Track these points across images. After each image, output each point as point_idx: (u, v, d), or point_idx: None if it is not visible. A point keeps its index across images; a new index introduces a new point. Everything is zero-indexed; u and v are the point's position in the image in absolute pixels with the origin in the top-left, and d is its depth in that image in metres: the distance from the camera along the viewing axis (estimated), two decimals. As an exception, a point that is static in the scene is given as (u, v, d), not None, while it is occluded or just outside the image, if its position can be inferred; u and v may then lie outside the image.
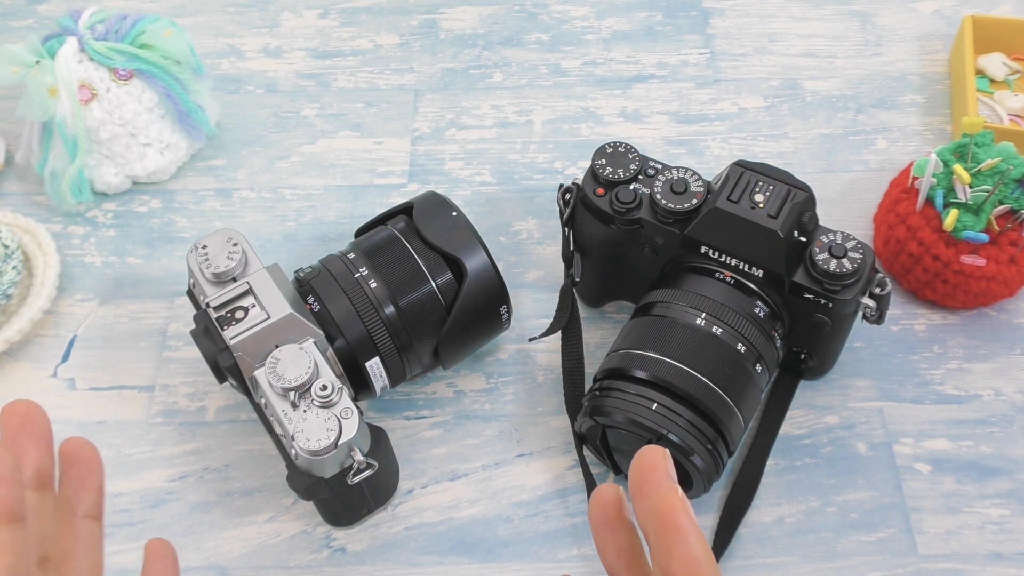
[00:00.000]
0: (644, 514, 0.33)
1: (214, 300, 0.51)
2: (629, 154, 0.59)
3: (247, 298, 0.52)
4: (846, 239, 0.55)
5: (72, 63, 0.67)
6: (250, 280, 0.52)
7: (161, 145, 0.71)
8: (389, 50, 0.81)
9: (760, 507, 0.58)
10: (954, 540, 0.56)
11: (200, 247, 0.53)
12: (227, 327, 0.51)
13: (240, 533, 0.57)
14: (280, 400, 0.49)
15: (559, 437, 0.61)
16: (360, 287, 0.55)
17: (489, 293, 0.57)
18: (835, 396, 0.62)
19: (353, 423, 0.49)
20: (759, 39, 0.80)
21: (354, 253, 0.57)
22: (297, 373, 0.49)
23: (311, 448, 0.48)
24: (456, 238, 0.57)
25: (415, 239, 0.57)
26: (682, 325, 0.55)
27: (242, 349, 0.50)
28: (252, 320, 0.51)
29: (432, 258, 0.56)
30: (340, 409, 0.49)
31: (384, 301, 0.55)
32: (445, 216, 0.57)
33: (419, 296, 0.56)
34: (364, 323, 0.54)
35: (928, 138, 0.74)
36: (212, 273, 0.52)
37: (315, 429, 0.48)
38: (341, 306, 0.54)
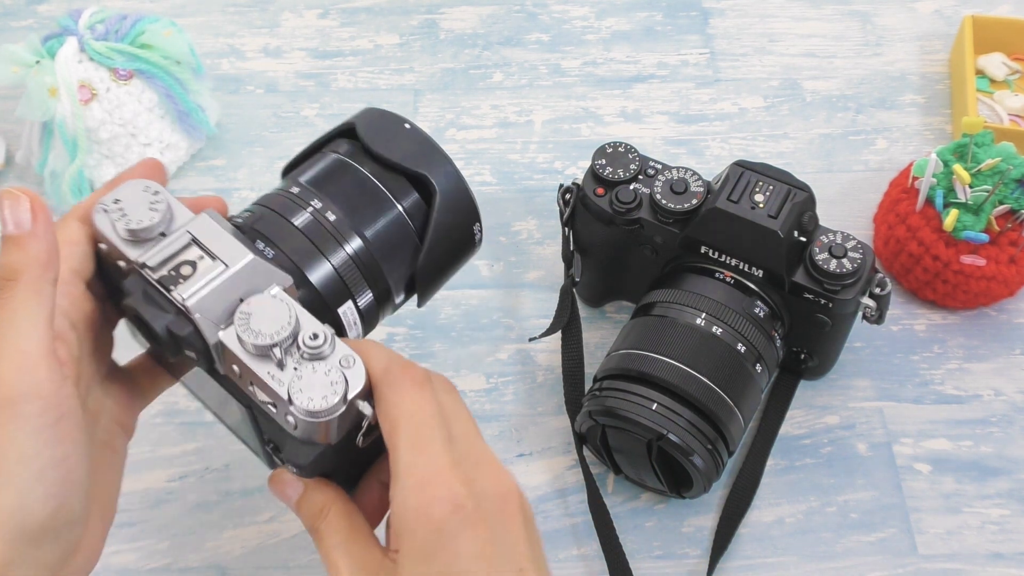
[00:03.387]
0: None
1: (150, 258, 0.41)
2: (629, 154, 0.59)
3: (191, 250, 0.42)
4: (846, 239, 0.55)
5: (72, 63, 0.67)
6: (191, 229, 0.42)
7: (161, 145, 0.71)
8: (389, 50, 0.81)
9: (760, 507, 0.58)
10: (954, 540, 0.56)
11: (111, 202, 0.42)
12: (174, 287, 0.40)
13: (240, 533, 0.57)
14: (260, 362, 0.40)
15: (559, 437, 0.61)
16: (317, 222, 0.46)
17: (462, 210, 0.50)
18: (835, 396, 0.62)
19: (359, 372, 0.40)
20: (759, 39, 0.80)
21: (297, 187, 0.48)
22: (277, 325, 0.40)
23: (316, 408, 0.39)
24: (417, 152, 0.49)
25: (367, 160, 0.49)
26: (682, 325, 0.55)
27: (201, 309, 0.40)
28: (206, 274, 0.41)
29: (393, 179, 0.49)
30: (339, 358, 0.40)
31: (347, 234, 0.47)
32: (398, 130, 0.50)
33: (387, 223, 0.48)
34: (331, 262, 0.46)
35: (928, 138, 0.74)
36: (130, 230, 0.42)
37: (316, 386, 0.39)
38: (299, 246, 0.46)
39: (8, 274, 0.38)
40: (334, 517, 0.42)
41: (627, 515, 0.58)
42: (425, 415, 0.39)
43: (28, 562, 0.37)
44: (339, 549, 0.41)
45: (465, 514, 0.37)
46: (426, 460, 0.38)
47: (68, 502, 0.38)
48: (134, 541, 0.57)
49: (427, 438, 0.39)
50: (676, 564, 0.56)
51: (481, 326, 0.65)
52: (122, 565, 0.56)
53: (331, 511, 0.42)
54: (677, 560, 0.56)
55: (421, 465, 0.38)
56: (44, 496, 0.37)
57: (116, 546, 0.57)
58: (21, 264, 0.38)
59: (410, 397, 0.39)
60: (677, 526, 0.57)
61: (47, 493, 0.37)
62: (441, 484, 0.37)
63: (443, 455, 0.38)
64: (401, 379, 0.40)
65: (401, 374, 0.40)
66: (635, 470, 0.56)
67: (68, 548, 0.39)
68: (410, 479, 0.38)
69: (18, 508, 0.36)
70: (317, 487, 0.42)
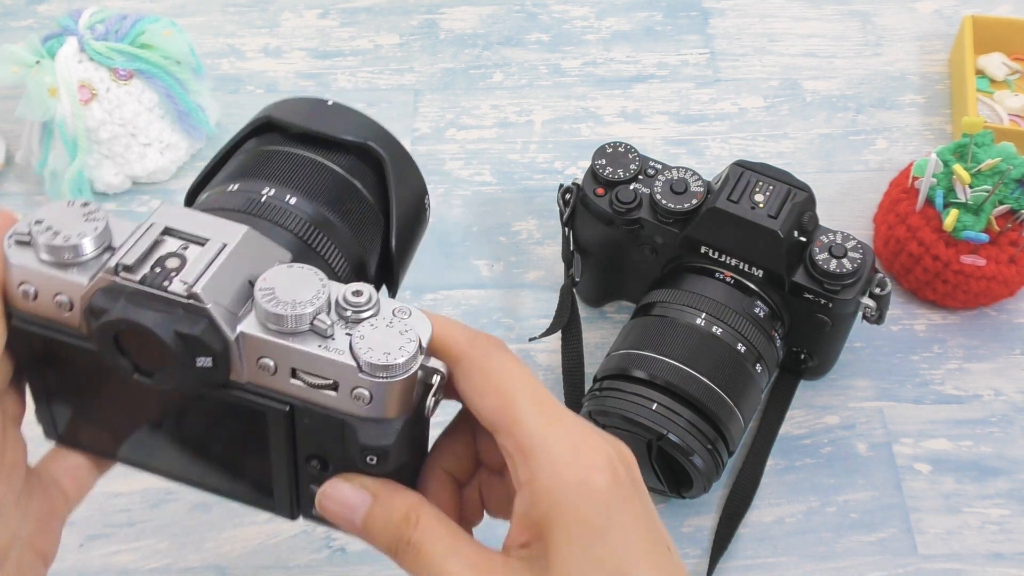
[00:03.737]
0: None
1: (126, 258, 0.33)
2: (629, 154, 0.59)
3: (169, 242, 0.34)
4: (846, 239, 0.55)
5: (72, 63, 0.67)
6: (157, 220, 0.34)
7: (161, 145, 0.71)
8: (389, 50, 0.81)
9: (760, 507, 0.58)
10: (954, 540, 0.56)
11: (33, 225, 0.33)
12: (169, 282, 0.32)
13: (240, 533, 0.57)
14: (304, 340, 0.33)
15: (559, 437, 0.61)
16: (280, 207, 0.39)
17: (414, 179, 0.45)
18: (835, 396, 0.62)
19: (420, 319, 0.34)
20: (759, 39, 0.80)
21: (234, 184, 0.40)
22: (313, 290, 0.33)
23: (395, 361, 0.32)
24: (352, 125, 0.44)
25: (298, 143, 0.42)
26: (682, 325, 0.55)
27: (214, 295, 0.32)
28: (201, 259, 0.33)
29: (337, 155, 0.43)
30: (391, 310, 0.34)
31: (321, 219, 0.40)
32: (322, 108, 0.44)
33: (349, 199, 0.42)
34: (313, 248, 0.39)
35: (928, 138, 0.74)
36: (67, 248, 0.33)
37: (383, 341, 0.32)
38: (278, 236, 0.38)
39: None
40: (429, 522, 0.34)
41: (627, 515, 0.58)
42: (535, 381, 0.34)
43: None
44: (453, 559, 0.33)
45: (622, 481, 0.32)
46: (567, 426, 0.33)
47: None
48: (134, 541, 0.57)
49: (554, 403, 0.33)
50: (676, 564, 0.56)
51: (481, 326, 0.65)
52: (122, 565, 0.56)
53: (422, 516, 0.34)
54: (677, 560, 0.56)
55: (565, 432, 0.32)
56: None
57: (116, 546, 0.57)
58: None
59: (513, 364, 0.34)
60: (677, 526, 0.57)
61: None
62: (595, 450, 0.32)
63: (575, 419, 0.33)
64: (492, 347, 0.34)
65: (488, 343, 0.34)
66: (635, 470, 0.56)
67: None
68: (560, 448, 0.32)
69: None
70: (393, 492, 0.34)
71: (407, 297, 0.66)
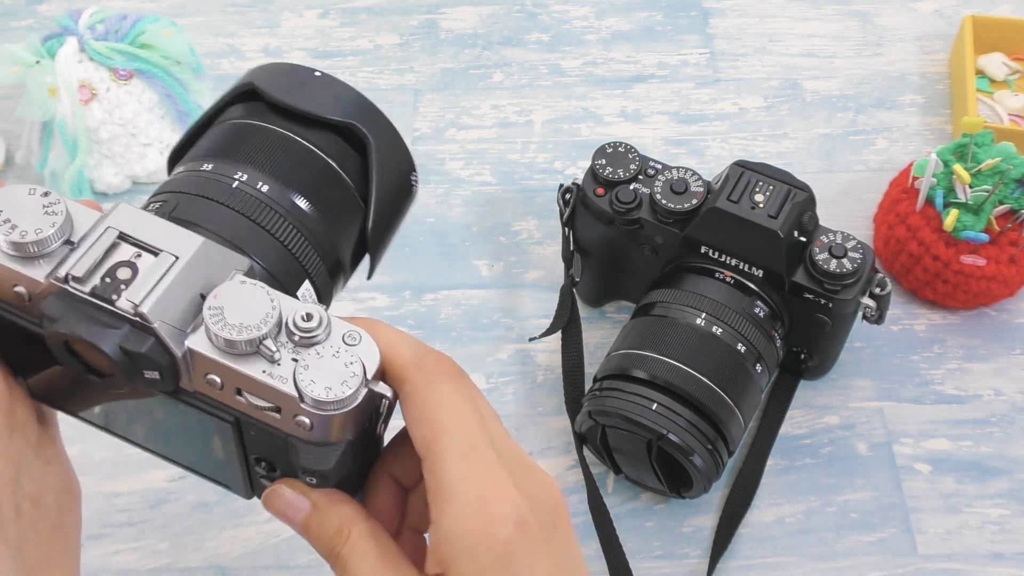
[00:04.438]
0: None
1: (74, 268, 0.33)
2: (629, 154, 0.59)
3: (123, 248, 0.33)
4: (846, 239, 0.55)
5: (72, 63, 0.67)
6: (114, 224, 0.34)
7: (161, 145, 0.71)
8: (389, 50, 0.81)
9: (760, 507, 0.58)
10: (954, 540, 0.56)
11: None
12: (118, 295, 0.32)
13: (240, 533, 0.57)
14: (250, 362, 0.32)
15: (559, 437, 0.61)
16: (249, 195, 0.38)
17: (400, 160, 0.44)
18: (835, 396, 0.62)
19: (369, 348, 0.33)
20: (759, 39, 0.80)
21: (208, 163, 0.39)
22: (261, 313, 0.32)
23: (336, 397, 0.32)
24: (338, 102, 0.42)
25: (281, 119, 0.41)
26: (682, 325, 0.55)
27: (160, 314, 0.32)
28: (153, 272, 0.33)
29: (318, 135, 0.41)
30: (341, 335, 0.33)
31: (287, 204, 0.39)
32: (309, 80, 0.43)
33: (326, 185, 0.41)
34: (278, 239, 0.38)
35: (928, 138, 0.74)
36: (19, 244, 0.33)
37: (327, 373, 0.32)
38: (238, 226, 0.37)
39: None
40: (358, 539, 0.35)
41: (627, 515, 0.58)
42: (470, 418, 0.34)
43: None
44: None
45: (531, 533, 0.32)
46: (481, 473, 0.33)
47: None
48: (134, 541, 0.57)
49: (478, 447, 0.33)
50: (676, 564, 0.56)
51: (481, 326, 0.65)
52: (122, 565, 0.56)
53: (353, 532, 0.35)
54: (677, 560, 0.56)
55: (478, 480, 0.33)
56: None
57: (116, 546, 0.57)
58: None
59: (451, 396, 0.34)
60: (677, 526, 0.57)
61: None
62: (503, 500, 0.32)
63: (497, 465, 0.33)
64: (436, 374, 0.34)
65: (435, 367, 0.34)
66: (635, 470, 0.56)
67: None
68: (466, 496, 0.32)
69: None
70: (331, 503, 0.35)
71: (407, 297, 0.66)
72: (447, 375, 0.34)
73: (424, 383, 0.34)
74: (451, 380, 0.34)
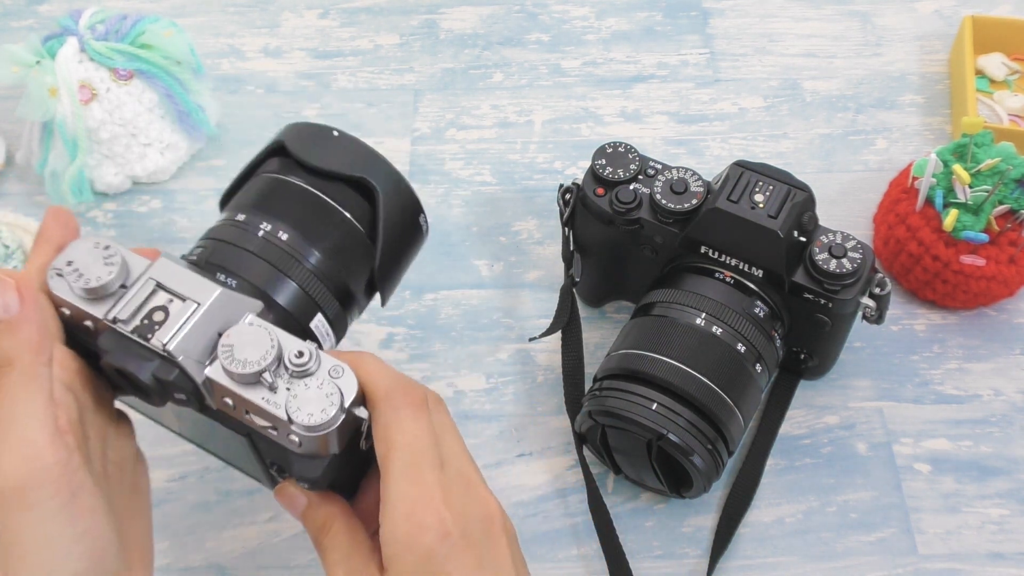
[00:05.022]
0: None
1: (120, 312, 0.41)
2: (629, 154, 0.59)
3: (159, 295, 0.42)
4: (846, 239, 0.55)
5: (72, 63, 0.67)
6: (153, 275, 0.42)
7: (161, 145, 0.71)
8: (389, 50, 0.81)
9: (760, 507, 0.58)
10: (954, 540, 0.56)
11: (64, 265, 0.42)
12: (151, 335, 0.41)
13: (240, 533, 0.57)
14: (252, 389, 0.41)
15: (559, 437, 0.61)
16: (271, 244, 0.47)
17: (406, 205, 0.51)
18: (835, 396, 0.62)
19: (349, 380, 0.41)
20: (759, 39, 0.81)
21: (242, 214, 0.49)
22: (261, 351, 0.40)
23: (316, 423, 0.40)
24: (351, 158, 0.50)
25: (304, 174, 0.50)
26: (682, 325, 0.55)
27: (183, 351, 0.41)
28: (180, 316, 0.41)
29: (334, 187, 0.50)
30: (327, 370, 0.41)
31: (303, 250, 0.48)
32: (327, 139, 0.51)
33: (338, 232, 0.49)
34: (294, 281, 0.47)
35: (928, 138, 0.74)
36: (90, 289, 0.42)
37: (311, 401, 0.40)
38: (260, 271, 0.47)
39: (3, 360, 0.38)
40: (336, 533, 0.43)
41: (627, 515, 0.58)
42: (420, 443, 0.40)
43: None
44: (339, 567, 0.42)
45: (453, 541, 0.38)
46: (416, 489, 0.39)
47: (101, 566, 0.39)
48: (134, 541, 0.57)
49: (419, 465, 0.40)
50: (676, 564, 0.56)
51: (481, 326, 0.65)
52: (122, 565, 0.56)
53: (333, 527, 0.43)
54: (677, 560, 0.56)
55: (411, 494, 0.39)
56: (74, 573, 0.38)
57: (116, 546, 0.57)
58: (14, 350, 0.38)
59: (408, 423, 0.41)
60: (677, 526, 0.57)
61: (75, 569, 0.38)
62: (430, 512, 0.39)
63: (433, 483, 0.39)
64: (401, 404, 0.41)
65: (402, 399, 0.41)
66: (635, 470, 0.56)
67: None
68: (400, 507, 0.39)
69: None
70: (321, 502, 0.44)
71: (407, 297, 0.66)
72: (410, 404, 0.41)
73: (388, 409, 0.41)
74: (411, 407, 0.41)
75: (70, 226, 0.44)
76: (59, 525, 0.38)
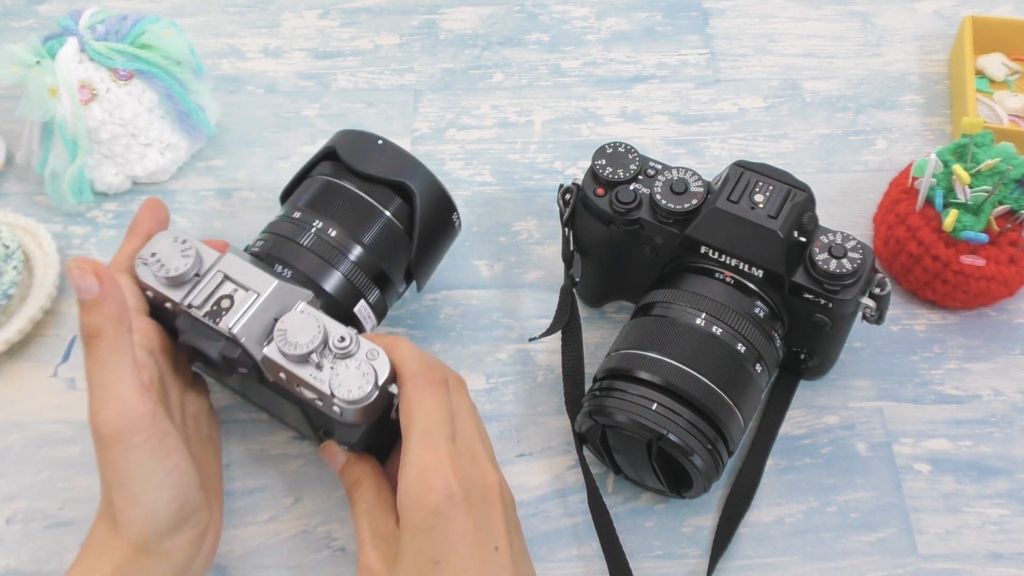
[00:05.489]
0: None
1: (194, 299, 0.50)
2: (629, 154, 0.59)
3: (226, 285, 0.50)
4: (846, 239, 0.55)
5: (72, 63, 0.67)
6: (221, 268, 0.51)
7: (161, 145, 0.71)
8: (389, 50, 0.81)
9: (760, 507, 0.58)
10: (954, 540, 0.57)
11: (149, 256, 0.51)
12: (219, 319, 0.49)
13: (240, 533, 0.57)
14: (302, 367, 0.48)
15: (559, 437, 0.61)
16: (322, 240, 0.56)
17: (440, 205, 0.59)
18: (835, 396, 0.62)
19: (384, 362, 0.48)
20: (759, 39, 0.81)
21: (298, 212, 0.57)
22: (310, 336, 0.48)
23: (355, 397, 0.47)
24: (392, 164, 0.58)
25: (351, 177, 0.58)
26: (682, 325, 0.55)
27: (245, 334, 0.49)
28: (243, 303, 0.49)
29: (377, 190, 0.58)
30: (365, 352, 0.48)
31: (349, 245, 0.56)
32: (373, 147, 0.59)
33: (379, 229, 0.57)
34: (340, 271, 0.55)
35: (928, 138, 0.74)
36: (169, 278, 0.50)
37: (351, 379, 0.48)
38: (311, 262, 0.55)
39: (92, 332, 0.46)
40: (366, 488, 0.51)
41: (627, 515, 0.58)
42: (437, 416, 0.47)
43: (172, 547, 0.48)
44: (364, 516, 0.50)
45: (455, 502, 0.45)
46: (429, 455, 0.46)
47: (187, 497, 0.48)
48: (134, 541, 0.57)
49: (434, 435, 0.46)
50: (676, 564, 0.56)
51: (481, 326, 0.65)
52: (122, 565, 0.56)
53: (364, 482, 0.52)
54: (677, 560, 0.56)
55: (424, 459, 0.46)
56: (167, 500, 0.47)
57: (116, 546, 0.57)
58: (100, 323, 0.46)
59: (428, 399, 0.48)
60: (677, 526, 0.57)
61: (169, 497, 0.47)
62: (438, 476, 0.45)
63: (444, 452, 0.46)
64: (424, 383, 0.48)
65: (424, 379, 0.48)
66: (635, 470, 0.56)
67: (201, 528, 0.50)
68: (414, 469, 0.46)
69: (148, 517, 0.47)
70: (357, 460, 0.53)
71: (407, 297, 0.66)
72: (431, 383, 0.48)
73: (412, 387, 0.48)
74: (432, 387, 0.48)
75: (159, 217, 0.54)
76: (153, 462, 0.46)
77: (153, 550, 0.47)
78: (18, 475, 0.59)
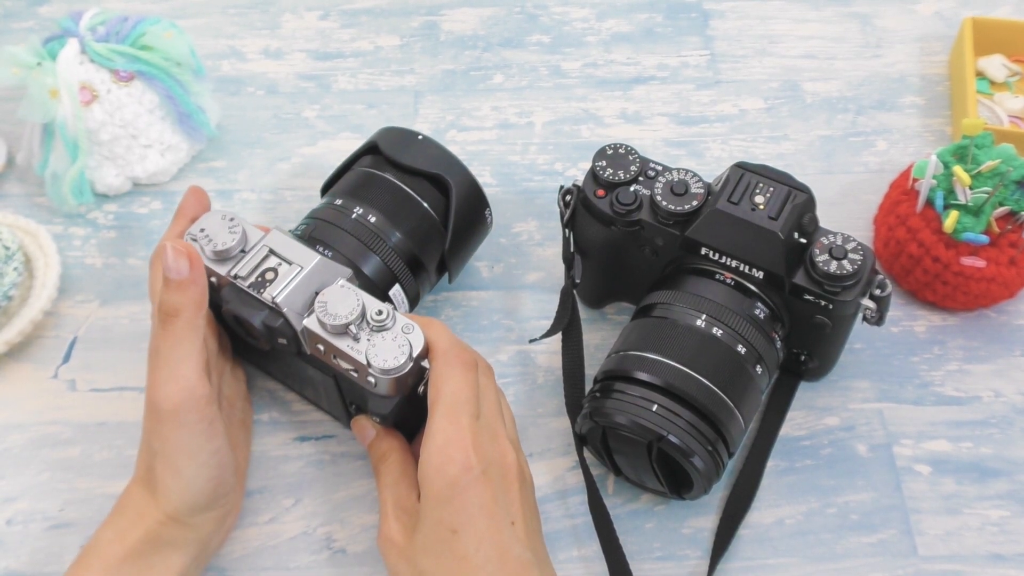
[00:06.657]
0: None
1: (240, 270, 0.52)
2: (629, 155, 0.59)
3: (271, 259, 0.52)
4: (846, 240, 0.55)
5: (73, 65, 0.67)
6: (267, 243, 0.53)
7: (162, 147, 0.71)
8: (390, 52, 0.81)
9: (760, 508, 0.58)
10: (954, 541, 0.56)
11: (198, 231, 0.53)
12: (263, 290, 0.51)
13: (240, 534, 0.57)
14: (340, 338, 0.50)
15: (559, 438, 0.61)
16: (362, 225, 0.58)
17: (474, 200, 0.62)
18: (835, 397, 0.62)
19: (418, 336, 0.50)
20: (759, 41, 0.81)
21: (340, 199, 0.59)
22: (348, 308, 0.50)
23: (390, 367, 0.49)
24: (432, 158, 0.61)
25: (392, 170, 0.60)
26: (682, 326, 0.55)
27: (288, 304, 0.51)
28: (286, 276, 0.52)
29: (416, 182, 0.60)
30: (400, 326, 0.50)
31: (387, 232, 0.58)
32: (413, 142, 0.61)
33: (416, 218, 0.59)
34: (378, 255, 0.58)
35: (928, 140, 0.74)
36: (217, 252, 0.52)
37: (387, 350, 0.50)
38: (351, 246, 0.57)
39: (172, 311, 0.49)
40: (392, 462, 0.53)
41: (627, 516, 0.58)
42: (464, 394, 0.49)
43: (201, 521, 0.51)
44: (388, 488, 0.52)
45: (474, 476, 0.47)
46: (452, 429, 0.48)
47: (223, 478, 0.52)
48: (135, 542, 0.57)
49: (459, 412, 0.48)
50: (676, 565, 0.56)
51: (481, 327, 0.65)
52: (123, 566, 0.56)
53: (390, 457, 0.53)
54: (677, 561, 0.56)
55: (447, 432, 0.48)
56: (207, 479, 0.50)
57: (117, 547, 0.57)
58: (181, 304, 0.49)
59: (457, 377, 0.50)
60: (677, 527, 0.57)
61: (209, 476, 0.50)
62: (459, 449, 0.47)
63: (467, 428, 0.48)
64: (454, 361, 0.50)
65: (455, 357, 0.50)
66: (635, 471, 0.56)
67: (227, 507, 0.53)
68: (436, 441, 0.48)
69: (187, 490, 0.50)
70: (385, 435, 0.54)
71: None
72: (461, 363, 0.50)
73: (443, 364, 0.50)
74: (462, 366, 0.50)
75: (203, 203, 0.57)
76: (201, 442, 0.49)
77: (184, 521, 0.50)
78: (18, 476, 0.59)
